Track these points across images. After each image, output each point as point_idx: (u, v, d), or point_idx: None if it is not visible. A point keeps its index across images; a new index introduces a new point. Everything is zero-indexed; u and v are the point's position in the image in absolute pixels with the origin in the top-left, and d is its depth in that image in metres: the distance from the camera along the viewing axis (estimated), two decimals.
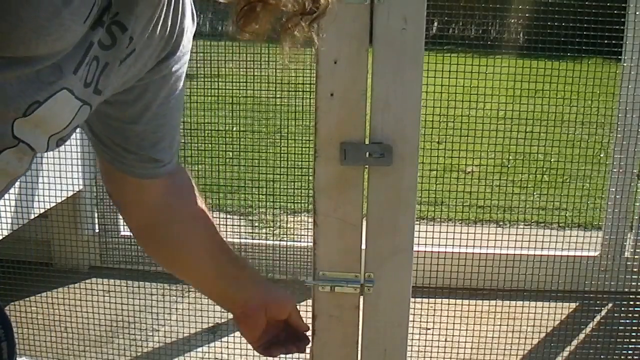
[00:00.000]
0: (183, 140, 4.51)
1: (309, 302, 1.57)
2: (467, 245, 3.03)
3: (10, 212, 2.75)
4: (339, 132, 1.45)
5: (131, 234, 1.11)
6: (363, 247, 1.54)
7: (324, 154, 1.47)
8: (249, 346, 1.20)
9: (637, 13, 2.72)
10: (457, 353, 2.64)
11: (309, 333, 1.20)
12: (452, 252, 2.88)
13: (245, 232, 4.00)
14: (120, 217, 3.53)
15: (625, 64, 2.85)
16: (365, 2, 1.39)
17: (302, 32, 0.81)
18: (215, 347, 2.81)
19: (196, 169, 3.89)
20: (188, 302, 3.20)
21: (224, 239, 1.12)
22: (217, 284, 1.16)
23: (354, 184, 1.49)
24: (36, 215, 2.92)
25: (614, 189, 2.98)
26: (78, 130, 0.94)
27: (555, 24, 2.92)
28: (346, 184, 1.48)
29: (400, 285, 1.60)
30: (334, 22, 1.36)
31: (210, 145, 3.82)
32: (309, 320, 1.56)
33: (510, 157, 3.88)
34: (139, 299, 3.00)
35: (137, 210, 1.08)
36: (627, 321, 2.60)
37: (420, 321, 2.56)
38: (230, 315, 1.22)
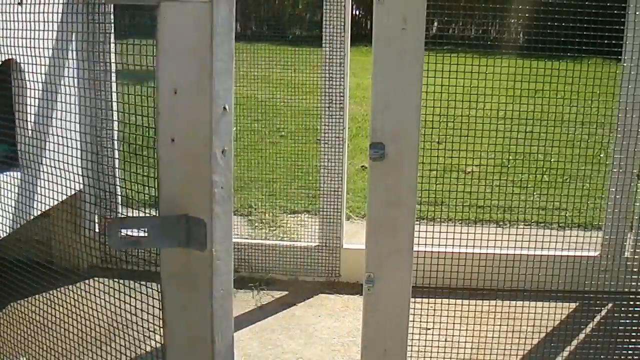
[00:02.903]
0: None
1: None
2: (467, 245, 3.03)
3: (10, 212, 2.75)
4: (181, 198, 1.00)
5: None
6: (362, 252, 1.53)
7: (168, 228, 1.00)
8: (249, 346, 1.20)
9: (637, 13, 2.73)
10: (457, 353, 2.64)
11: None
12: (452, 252, 2.88)
13: (246, 232, 4.00)
14: (120, 217, 3.53)
15: (625, 64, 2.85)
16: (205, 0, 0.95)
17: None
18: None
19: None
20: None
21: None
22: None
23: (200, 279, 1.00)
24: (36, 215, 2.92)
25: (614, 189, 2.98)
26: (78, 130, 0.94)
27: (555, 24, 2.92)
28: (193, 278, 1.02)
29: (400, 285, 1.60)
30: (173, 30, 0.95)
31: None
32: None
33: (510, 157, 3.87)
34: (139, 299, 2.99)
35: None
36: (627, 321, 2.60)
37: (420, 321, 2.56)
38: None
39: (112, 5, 3.31)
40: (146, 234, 0.96)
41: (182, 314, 1.02)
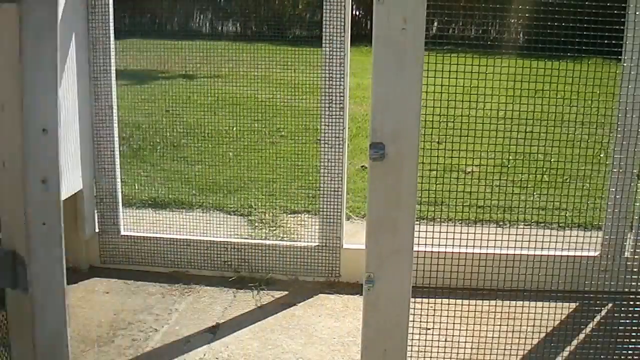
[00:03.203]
0: (183, 140, 4.52)
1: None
2: (467, 245, 3.02)
3: None
4: (11, 231, 0.85)
5: (131, 234, 1.05)
6: (362, 252, 1.53)
7: (2, 267, 0.86)
8: (249, 346, 1.20)
9: (637, 13, 2.73)
10: (457, 353, 2.64)
11: None
12: (452, 252, 2.87)
13: (246, 232, 4.00)
14: (121, 217, 3.54)
15: (625, 64, 2.85)
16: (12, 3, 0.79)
17: None
18: (215, 347, 2.81)
19: (196, 169, 3.90)
20: (188, 302, 3.20)
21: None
22: None
23: (20, 330, 0.83)
24: None
25: (614, 189, 2.98)
26: (78, 130, 0.91)
27: (555, 24, 2.92)
28: (20, 329, 0.85)
29: (400, 285, 1.60)
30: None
31: (210, 145, 3.82)
32: None
33: (510, 157, 3.87)
34: (139, 299, 3.00)
35: None
36: (627, 321, 2.60)
37: (420, 321, 2.56)
38: (230, 315, 1.22)
39: (111, 5, 3.31)
40: None
41: None
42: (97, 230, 3.55)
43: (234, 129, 4.21)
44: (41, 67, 0.78)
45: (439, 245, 2.70)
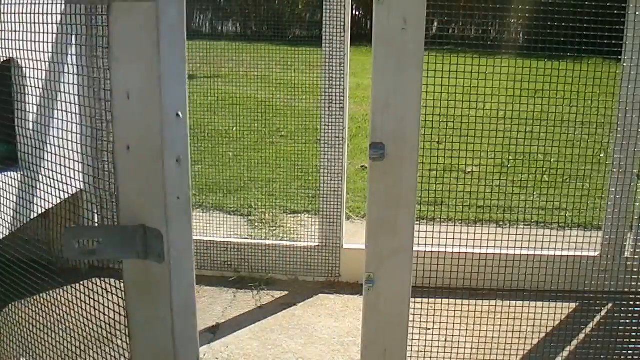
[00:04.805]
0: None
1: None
2: (467, 245, 3.03)
3: (10, 212, 2.75)
4: (137, 208, 0.96)
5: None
6: (362, 252, 1.53)
7: (125, 239, 0.96)
8: (249, 346, 1.20)
9: (637, 13, 2.73)
10: (457, 353, 2.64)
11: None
12: (452, 252, 2.87)
13: (246, 232, 4.00)
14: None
15: (625, 64, 2.85)
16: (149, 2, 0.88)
17: None
18: (215, 347, 2.81)
19: (196, 169, 3.90)
20: None
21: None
22: None
23: (160, 291, 0.96)
24: (36, 215, 2.92)
25: (614, 189, 2.98)
26: (78, 130, 0.94)
27: (555, 24, 2.92)
28: (153, 289, 0.97)
29: (400, 285, 1.60)
30: (124, 31, 0.90)
31: (210, 145, 3.82)
32: None
33: (510, 157, 3.88)
34: None
35: None
36: (627, 321, 2.60)
37: (420, 321, 2.56)
38: (230, 315, 1.22)
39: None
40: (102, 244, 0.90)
41: (146, 328, 0.98)
42: None
43: (234, 129, 4.21)
44: (174, 59, 0.87)
45: (439, 245, 2.70)
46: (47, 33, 2.72)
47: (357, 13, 13.68)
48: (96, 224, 3.58)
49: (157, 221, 0.91)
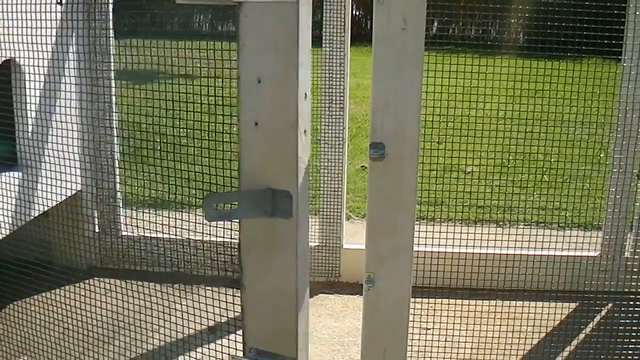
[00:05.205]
0: (183, 140, 4.52)
1: None
2: (467, 245, 3.03)
3: (10, 212, 2.75)
4: (264, 174, 1.13)
5: (131, 234, 1.10)
6: (362, 252, 1.52)
7: (257, 201, 1.12)
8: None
9: (637, 13, 2.73)
10: (457, 353, 2.64)
11: None
12: (452, 252, 2.88)
13: None
14: (120, 217, 3.54)
15: (625, 64, 2.85)
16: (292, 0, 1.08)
17: None
18: (215, 347, 2.81)
19: (196, 169, 3.89)
20: (188, 302, 3.20)
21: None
22: None
23: (286, 243, 1.14)
24: (36, 215, 2.92)
25: (614, 189, 2.98)
26: (78, 130, 0.94)
27: (555, 24, 2.92)
28: (277, 243, 1.16)
29: (400, 285, 1.60)
30: (256, 27, 1.09)
31: (210, 145, 3.81)
32: None
33: (510, 157, 3.88)
34: (139, 299, 3.00)
35: None
36: (627, 321, 2.60)
37: (420, 321, 2.56)
38: (230, 315, 1.23)
39: (110, 5, 3.31)
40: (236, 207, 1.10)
41: (265, 276, 1.16)
42: (97, 230, 3.55)
43: (234, 129, 4.20)
44: (306, 50, 1.06)
45: (439, 245, 2.70)
46: (48, 29, 2.72)
47: (357, 13, 13.68)
48: (96, 223, 3.57)
49: (287, 184, 1.08)
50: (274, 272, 1.15)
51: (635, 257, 3.01)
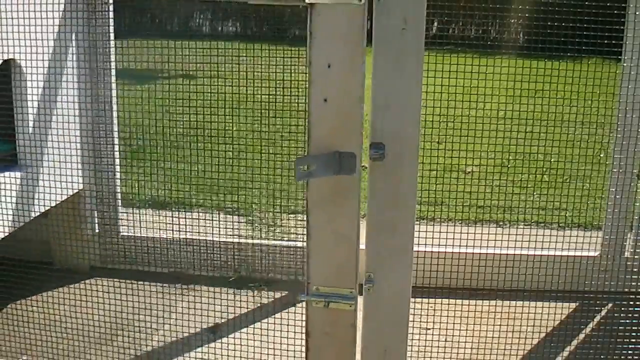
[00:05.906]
0: (183, 140, 4.52)
1: (304, 317, 1.54)
2: (467, 245, 3.03)
3: (10, 212, 2.75)
4: (332, 140, 1.39)
5: (131, 234, 1.11)
6: (362, 252, 1.52)
7: (328, 162, 1.40)
8: (249, 346, 1.20)
9: (637, 13, 2.73)
10: (457, 353, 2.64)
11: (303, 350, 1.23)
12: (452, 252, 2.88)
13: (246, 232, 4.00)
14: (120, 217, 3.54)
15: (625, 64, 2.85)
16: (360, 2, 1.33)
17: None
18: (215, 347, 2.81)
19: (196, 169, 3.89)
20: (188, 302, 3.20)
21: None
22: None
23: (349, 195, 1.42)
24: (36, 215, 2.92)
25: (614, 189, 2.98)
26: (78, 130, 0.94)
27: (555, 24, 2.92)
28: (341, 195, 1.42)
29: (400, 285, 1.60)
30: (327, 23, 1.33)
31: (210, 145, 3.81)
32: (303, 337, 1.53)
33: (510, 157, 3.88)
34: (139, 299, 3.00)
35: None
36: (627, 321, 2.60)
37: (420, 321, 2.56)
38: (230, 315, 1.23)
39: (111, 5, 3.31)
40: (315, 168, 1.37)
41: (329, 225, 1.43)
42: (97, 230, 3.54)
43: (234, 128, 4.21)
44: (364, 41, 1.35)
45: (439, 245, 2.70)
46: (48, 27, 2.72)
47: None
48: (96, 223, 3.57)
49: (352, 147, 1.37)
50: (337, 221, 1.43)
51: (635, 257, 3.01)
